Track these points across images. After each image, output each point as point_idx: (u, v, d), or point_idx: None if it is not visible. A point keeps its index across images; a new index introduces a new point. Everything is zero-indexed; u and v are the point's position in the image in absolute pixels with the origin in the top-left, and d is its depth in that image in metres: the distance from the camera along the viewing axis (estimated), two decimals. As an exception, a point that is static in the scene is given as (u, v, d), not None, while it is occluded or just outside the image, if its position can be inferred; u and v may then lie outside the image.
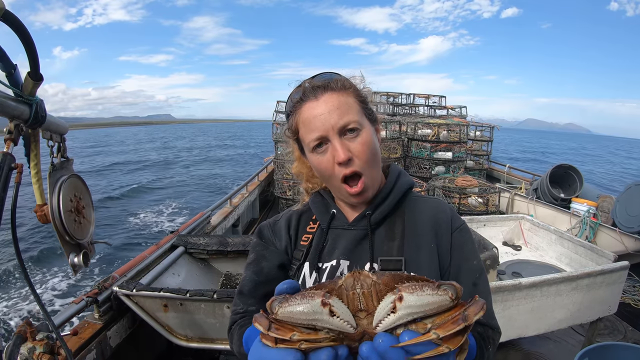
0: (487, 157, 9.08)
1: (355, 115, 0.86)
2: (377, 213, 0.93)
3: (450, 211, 0.97)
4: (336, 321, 0.48)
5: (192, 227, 3.67)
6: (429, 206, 0.97)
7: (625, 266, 2.42)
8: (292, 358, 0.49)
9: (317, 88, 0.88)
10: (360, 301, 0.51)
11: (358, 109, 0.88)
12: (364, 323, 0.50)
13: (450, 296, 0.47)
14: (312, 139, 0.86)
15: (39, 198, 0.92)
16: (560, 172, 6.15)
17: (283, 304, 0.49)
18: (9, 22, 0.69)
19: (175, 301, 2.12)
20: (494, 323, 0.89)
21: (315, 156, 0.88)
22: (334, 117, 0.84)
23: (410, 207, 0.97)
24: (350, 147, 0.85)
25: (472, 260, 0.91)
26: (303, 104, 0.89)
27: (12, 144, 0.81)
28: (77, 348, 1.91)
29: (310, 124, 0.86)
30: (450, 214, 0.96)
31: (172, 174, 24.17)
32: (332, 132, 0.84)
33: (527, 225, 3.38)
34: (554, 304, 2.28)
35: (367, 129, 0.88)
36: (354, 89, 0.91)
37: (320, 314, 0.47)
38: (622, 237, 4.37)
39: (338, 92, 0.87)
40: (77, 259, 0.96)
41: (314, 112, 0.86)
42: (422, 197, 1.02)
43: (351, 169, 0.85)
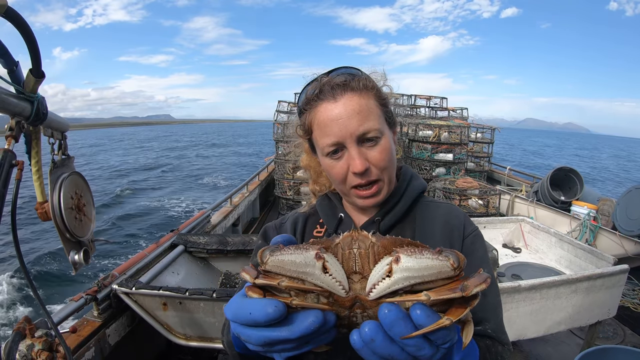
0: (487, 158, 9.07)
1: (376, 122, 0.79)
2: (387, 219, 0.88)
3: (463, 217, 0.91)
4: (328, 279, 0.44)
5: (192, 226, 3.68)
6: (441, 212, 0.91)
7: (624, 269, 2.42)
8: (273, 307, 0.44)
9: (337, 87, 0.80)
10: (355, 262, 0.47)
11: (379, 114, 0.81)
12: (356, 287, 0.47)
13: (451, 263, 0.43)
14: (327, 144, 0.80)
15: (39, 195, 0.92)
16: (561, 175, 6.14)
17: (274, 253, 0.45)
18: (11, 19, 0.69)
19: (174, 300, 2.12)
20: (504, 338, 0.81)
21: (329, 161, 0.82)
22: (353, 123, 0.77)
23: (422, 212, 0.91)
24: (368, 155, 0.79)
25: (482, 268, 0.82)
26: (320, 103, 0.81)
27: (13, 141, 0.81)
28: (76, 345, 1.91)
29: (327, 128, 0.79)
30: (464, 219, 0.91)
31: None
32: (349, 139, 0.78)
33: (527, 228, 3.37)
34: (553, 306, 2.27)
35: (387, 135, 0.82)
36: (376, 90, 0.83)
37: (312, 268, 0.43)
38: (622, 241, 4.36)
39: (359, 93, 0.79)
40: (77, 256, 0.96)
41: (332, 114, 0.78)
42: (435, 201, 0.96)
43: (367, 178, 0.80)
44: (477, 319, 0.78)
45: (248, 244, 2.89)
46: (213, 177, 22.88)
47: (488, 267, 0.87)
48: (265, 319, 0.44)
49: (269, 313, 0.44)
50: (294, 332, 0.44)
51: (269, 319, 0.44)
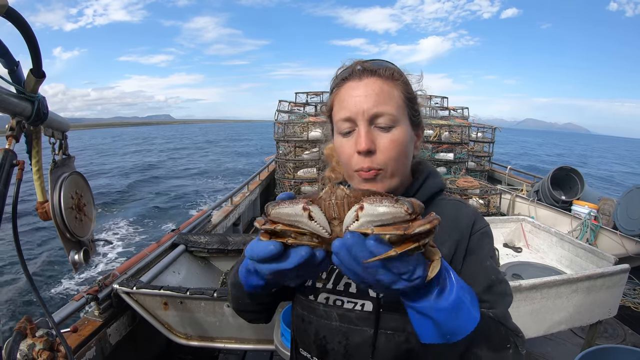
0: (488, 158, 9.07)
1: (393, 109, 0.79)
2: None
3: (473, 213, 0.88)
4: (313, 224, 0.56)
5: (193, 225, 3.68)
6: (449, 207, 0.88)
7: (625, 269, 2.42)
8: (273, 246, 0.58)
9: (365, 71, 0.82)
10: (334, 210, 0.57)
11: (400, 104, 0.81)
12: (337, 230, 0.57)
13: (405, 209, 0.52)
14: (340, 118, 0.81)
15: (40, 195, 0.92)
16: (562, 175, 6.14)
17: (275, 207, 0.57)
18: (11, 19, 0.69)
19: (175, 299, 2.13)
20: (510, 324, 0.78)
21: (340, 138, 0.84)
22: (369, 102, 0.78)
23: (436, 210, 0.88)
24: (376, 139, 0.79)
25: (486, 261, 0.82)
26: (345, 83, 0.83)
27: (13, 141, 0.81)
28: (77, 345, 1.91)
29: (343, 102, 0.81)
30: (474, 216, 0.87)
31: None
32: (361, 116, 0.78)
33: (528, 227, 3.37)
34: (554, 306, 2.27)
35: (403, 128, 0.81)
36: (404, 83, 0.84)
37: (300, 217, 0.55)
38: (622, 240, 4.36)
39: (384, 79, 0.80)
40: (77, 256, 0.96)
41: (352, 92, 0.80)
42: (447, 199, 0.93)
43: (369, 164, 0.79)
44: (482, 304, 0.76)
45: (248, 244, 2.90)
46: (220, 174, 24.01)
47: (493, 263, 0.84)
48: (268, 255, 0.58)
49: (270, 250, 0.58)
50: (291, 262, 0.58)
51: (271, 254, 0.58)
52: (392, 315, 0.79)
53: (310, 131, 6.78)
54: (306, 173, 6.84)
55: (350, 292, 0.85)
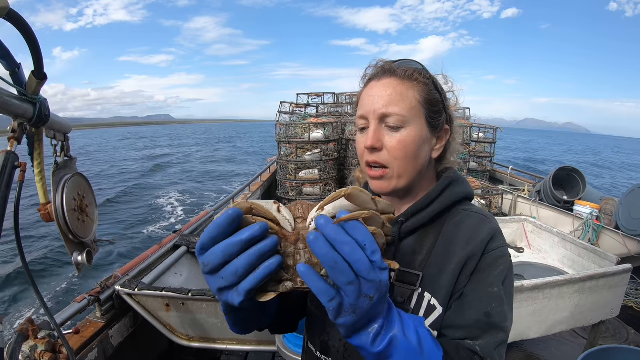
0: (490, 158, 9.05)
1: (404, 110, 0.79)
2: (409, 222, 0.85)
3: (491, 230, 0.81)
4: (279, 215, 0.59)
5: (195, 226, 3.68)
6: (470, 222, 0.83)
7: (627, 269, 2.41)
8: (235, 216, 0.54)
9: (385, 71, 0.84)
10: (299, 211, 0.62)
11: (413, 105, 0.81)
12: (300, 226, 0.60)
13: (372, 198, 0.58)
14: (357, 116, 0.86)
15: (42, 197, 0.92)
16: (564, 175, 6.12)
17: (255, 201, 0.60)
18: (13, 20, 0.69)
19: (177, 301, 2.13)
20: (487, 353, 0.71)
21: (358, 136, 0.87)
22: (380, 102, 0.80)
23: (454, 220, 0.85)
24: (385, 138, 0.80)
25: (494, 286, 0.76)
26: (369, 82, 0.86)
27: (16, 143, 0.81)
28: (79, 347, 1.92)
29: (362, 101, 0.85)
30: (491, 233, 0.80)
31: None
32: (372, 115, 0.81)
33: (530, 228, 3.37)
34: (556, 306, 2.27)
35: (414, 129, 0.81)
36: (422, 84, 0.83)
37: (270, 205, 0.59)
38: (625, 240, 4.34)
39: (400, 80, 0.82)
40: (80, 257, 0.96)
41: (370, 91, 0.83)
42: (472, 210, 0.86)
43: (375, 158, 0.81)
44: (463, 332, 0.73)
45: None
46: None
47: (501, 291, 0.76)
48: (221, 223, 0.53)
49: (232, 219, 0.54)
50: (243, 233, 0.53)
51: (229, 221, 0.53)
52: None
53: (311, 132, 6.78)
54: (308, 174, 6.84)
55: None
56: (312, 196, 6.80)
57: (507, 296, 0.76)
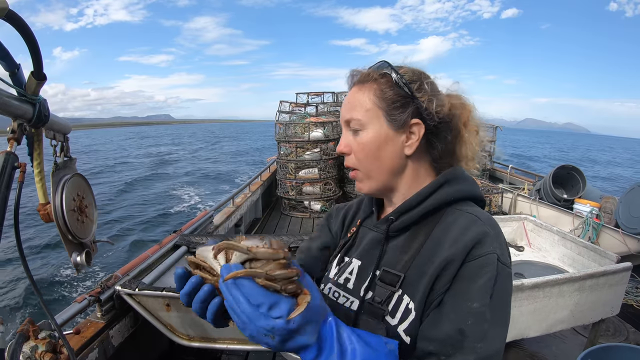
0: (490, 157, 9.05)
1: (359, 114, 0.82)
2: (398, 221, 0.84)
3: (478, 234, 0.72)
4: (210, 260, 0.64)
5: (195, 226, 3.68)
6: (461, 224, 0.76)
7: (627, 267, 2.41)
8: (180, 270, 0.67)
9: (351, 79, 0.90)
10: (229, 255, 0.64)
11: (369, 108, 0.82)
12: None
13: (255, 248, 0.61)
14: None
15: (42, 197, 0.92)
16: (563, 173, 6.13)
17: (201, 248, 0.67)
18: (12, 21, 0.69)
19: (177, 300, 2.13)
20: None
21: None
22: (344, 110, 0.87)
23: (446, 221, 0.80)
24: (351, 142, 0.86)
25: (473, 301, 0.67)
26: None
27: (15, 143, 0.81)
28: (80, 347, 1.92)
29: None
30: (477, 237, 0.72)
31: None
32: (343, 122, 0.88)
33: (530, 226, 3.37)
34: (556, 305, 2.27)
35: (372, 130, 0.82)
36: (378, 83, 0.83)
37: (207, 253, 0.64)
38: (624, 238, 4.35)
39: (358, 85, 0.86)
40: (79, 258, 0.96)
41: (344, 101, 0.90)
42: (465, 210, 0.80)
43: (346, 162, 0.88)
44: (435, 346, 0.68)
45: (250, 244, 2.90)
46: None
47: (483, 301, 0.68)
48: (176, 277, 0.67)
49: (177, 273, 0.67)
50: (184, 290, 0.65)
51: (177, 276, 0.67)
52: (369, 320, 0.78)
53: (311, 131, 6.79)
54: (307, 173, 6.85)
55: (347, 287, 0.89)
56: (312, 195, 6.80)
57: (492, 312, 0.67)
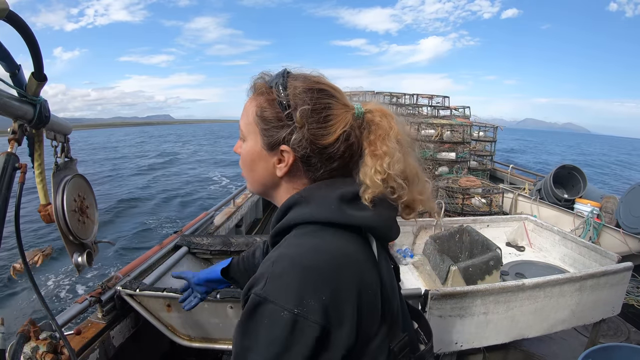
0: (490, 157, 9.06)
1: (242, 124, 0.83)
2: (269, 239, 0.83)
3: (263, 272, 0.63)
4: None
5: (196, 227, 3.68)
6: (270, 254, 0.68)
7: (628, 267, 2.41)
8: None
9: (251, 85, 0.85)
10: None
11: (250, 121, 0.80)
12: None
13: None
14: None
15: (42, 198, 0.92)
16: (564, 173, 6.13)
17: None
18: (12, 22, 0.69)
19: (178, 301, 2.13)
20: None
21: None
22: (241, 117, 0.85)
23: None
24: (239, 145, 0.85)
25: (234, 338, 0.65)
26: None
27: (16, 144, 0.81)
28: (80, 347, 1.91)
29: None
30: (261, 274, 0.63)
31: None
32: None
33: (530, 226, 3.37)
34: (557, 304, 2.27)
35: (249, 143, 0.81)
36: (262, 100, 0.78)
37: None
38: (625, 238, 4.34)
39: (251, 95, 0.83)
40: (80, 258, 0.96)
41: None
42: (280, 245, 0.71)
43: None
44: None
45: (252, 245, 2.89)
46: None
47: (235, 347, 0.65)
48: None
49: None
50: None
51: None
52: None
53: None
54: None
55: None
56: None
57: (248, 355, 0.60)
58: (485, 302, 2.11)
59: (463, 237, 3.05)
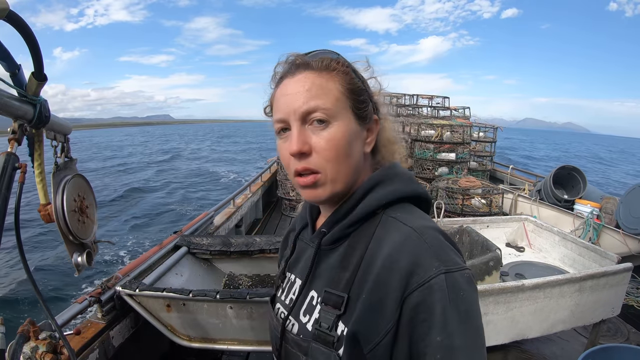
0: (490, 158, 9.07)
1: (328, 103, 0.68)
2: (330, 234, 0.75)
3: (419, 254, 0.61)
4: None
5: (196, 227, 3.68)
6: (394, 238, 0.66)
7: (628, 268, 2.41)
8: None
9: (298, 65, 0.73)
10: None
11: (337, 97, 0.70)
12: None
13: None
14: (275, 120, 0.73)
15: (42, 198, 0.92)
16: (564, 174, 6.13)
17: None
18: (12, 22, 0.69)
19: (178, 301, 2.13)
20: None
21: (279, 142, 0.74)
22: (300, 99, 0.68)
23: (382, 230, 0.69)
24: (311, 139, 0.69)
25: (436, 334, 0.56)
26: (282, 81, 0.74)
27: (16, 144, 0.81)
28: (80, 347, 1.92)
29: (277, 103, 0.73)
30: (418, 258, 0.61)
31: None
32: (293, 116, 0.69)
33: (530, 227, 3.37)
34: (557, 305, 2.27)
35: (343, 123, 0.69)
36: (343, 73, 0.72)
37: None
38: (625, 239, 4.35)
39: (318, 72, 0.71)
40: (80, 258, 0.96)
41: (285, 90, 0.72)
42: (399, 220, 0.69)
43: (304, 165, 0.69)
44: None
45: (251, 245, 2.90)
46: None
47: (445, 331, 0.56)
48: None
49: None
50: None
51: None
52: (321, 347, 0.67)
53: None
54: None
55: (292, 308, 0.78)
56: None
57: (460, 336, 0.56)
58: (485, 302, 2.11)
59: (463, 238, 3.05)
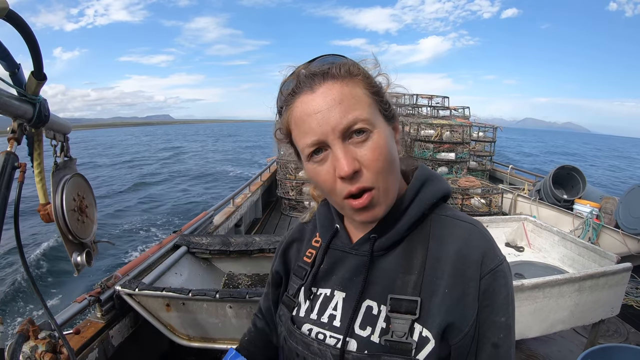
0: (489, 157, 9.07)
1: (364, 112, 0.64)
2: (384, 238, 0.72)
3: (485, 245, 0.69)
4: None
5: (195, 226, 3.68)
6: (458, 234, 0.70)
7: (628, 268, 2.41)
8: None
9: (314, 76, 0.65)
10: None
11: (369, 103, 0.66)
12: None
13: None
14: (306, 145, 0.65)
15: (42, 197, 0.92)
16: (564, 174, 6.13)
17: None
18: (12, 21, 0.69)
19: (177, 301, 2.13)
20: None
21: (312, 166, 0.67)
22: (334, 114, 0.62)
23: (438, 229, 0.71)
24: (357, 154, 0.63)
25: (500, 315, 0.66)
26: (296, 98, 0.67)
27: (15, 143, 0.81)
28: (80, 347, 1.92)
29: (304, 125, 0.65)
30: (485, 249, 0.68)
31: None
32: (332, 135, 0.63)
33: (530, 227, 3.37)
34: (556, 305, 2.27)
35: (382, 129, 0.66)
36: (364, 76, 0.68)
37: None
38: (624, 239, 4.35)
39: (341, 80, 0.65)
40: (80, 258, 0.96)
41: (309, 108, 0.64)
42: (453, 216, 0.73)
43: (358, 185, 0.64)
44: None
45: (251, 245, 2.90)
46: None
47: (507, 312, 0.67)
48: None
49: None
50: None
51: None
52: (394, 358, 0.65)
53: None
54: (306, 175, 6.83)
55: (334, 325, 0.74)
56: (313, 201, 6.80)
57: (513, 319, 0.68)
58: (485, 302, 2.10)
59: (462, 238, 3.05)
